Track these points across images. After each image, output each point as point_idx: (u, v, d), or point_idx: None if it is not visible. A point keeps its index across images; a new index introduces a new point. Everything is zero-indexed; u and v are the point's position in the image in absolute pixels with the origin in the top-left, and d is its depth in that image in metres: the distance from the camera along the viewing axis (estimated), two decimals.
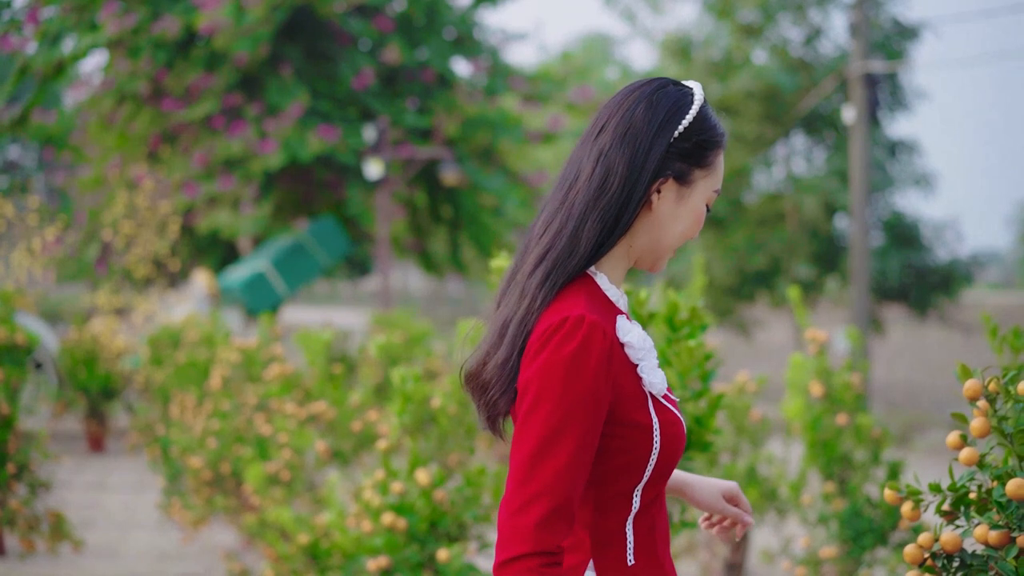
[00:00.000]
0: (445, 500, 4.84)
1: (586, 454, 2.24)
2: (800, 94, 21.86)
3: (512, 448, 2.26)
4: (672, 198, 2.42)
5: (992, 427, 2.74)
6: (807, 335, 6.61)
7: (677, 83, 2.48)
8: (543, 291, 2.33)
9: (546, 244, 2.37)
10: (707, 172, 2.45)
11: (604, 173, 2.37)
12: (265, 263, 16.47)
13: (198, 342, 10.93)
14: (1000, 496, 2.64)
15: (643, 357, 2.36)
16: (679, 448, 2.40)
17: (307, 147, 16.54)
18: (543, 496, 2.19)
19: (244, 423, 7.95)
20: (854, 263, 18.75)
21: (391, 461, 4.92)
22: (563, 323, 2.26)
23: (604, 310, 2.36)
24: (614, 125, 2.41)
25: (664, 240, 2.44)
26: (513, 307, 2.37)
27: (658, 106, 2.42)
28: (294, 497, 7.15)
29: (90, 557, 8.61)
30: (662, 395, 2.40)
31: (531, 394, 2.25)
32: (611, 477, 2.34)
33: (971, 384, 2.74)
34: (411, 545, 4.90)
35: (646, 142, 2.39)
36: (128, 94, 17.80)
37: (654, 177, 2.39)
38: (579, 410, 2.23)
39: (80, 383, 13.85)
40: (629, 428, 2.33)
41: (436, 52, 18.29)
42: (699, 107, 2.45)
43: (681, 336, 4.09)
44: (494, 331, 2.39)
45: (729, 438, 7.56)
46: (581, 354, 2.24)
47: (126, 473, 12.35)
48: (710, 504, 2.76)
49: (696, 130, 2.43)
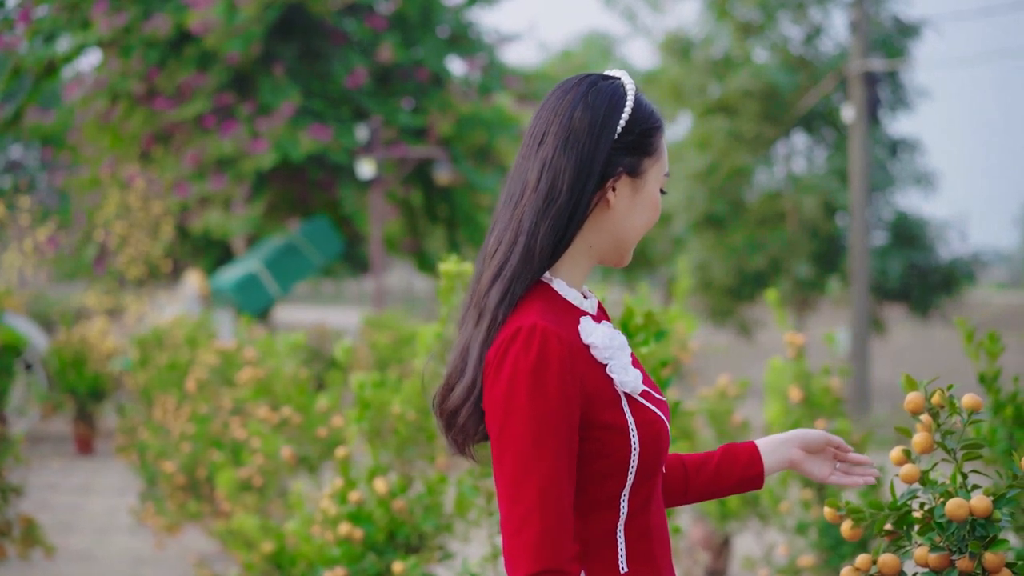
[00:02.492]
0: (404, 509, 4.72)
1: (568, 463, 2.20)
2: (800, 93, 21.70)
3: (494, 470, 2.24)
4: (628, 192, 2.39)
5: (936, 442, 2.60)
6: (785, 338, 6.47)
7: (606, 76, 2.44)
8: (503, 309, 2.30)
9: (500, 261, 2.34)
10: (655, 158, 2.41)
11: (550, 182, 2.33)
12: (257, 264, 16.37)
13: (181, 343, 10.81)
14: (940, 516, 2.50)
15: (612, 356, 2.31)
16: (663, 447, 2.33)
17: (299, 146, 16.43)
18: (534, 513, 2.16)
19: (220, 427, 7.83)
20: (854, 263, 18.61)
21: (350, 469, 4.81)
22: (516, 335, 2.24)
23: (562, 315, 2.31)
24: (554, 132, 2.37)
25: (626, 234, 2.41)
26: (473, 329, 2.34)
27: (595, 105, 2.37)
28: (266, 503, 7.03)
29: (65, 562, 8.51)
30: (639, 393, 2.33)
31: (499, 413, 2.22)
32: (593, 482, 2.28)
33: (913, 397, 2.59)
34: (369, 556, 4.79)
35: (590, 145, 2.35)
36: (121, 93, 17.69)
37: (604, 177, 2.35)
38: (550, 421, 2.19)
39: (69, 384, 13.75)
40: (604, 431, 2.27)
41: (430, 51, 18.16)
42: (634, 97, 2.41)
43: (636, 343, 3.95)
44: (456, 356, 2.36)
45: (710, 442, 7.44)
46: (540, 364, 2.20)
47: (112, 476, 12.24)
48: (819, 461, 2.64)
49: (637, 120, 2.39)
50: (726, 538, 7.69)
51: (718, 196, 22.38)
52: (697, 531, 7.78)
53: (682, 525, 8.42)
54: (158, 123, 17.69)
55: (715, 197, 22.32)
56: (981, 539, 2.45)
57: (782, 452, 2.62)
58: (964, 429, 2.58)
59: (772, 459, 2.62)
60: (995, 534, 2.43)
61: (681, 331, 8.41)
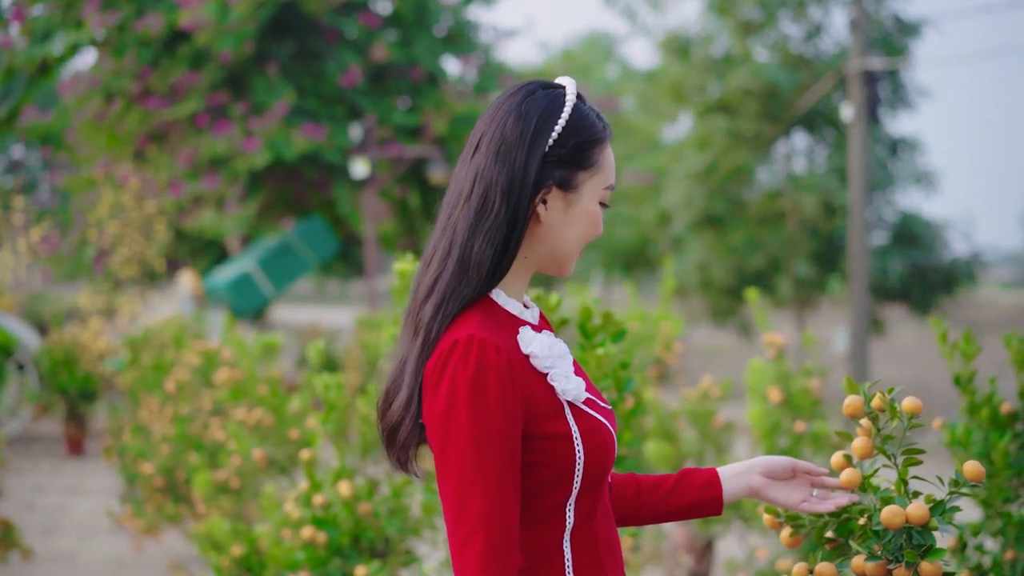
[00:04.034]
0: (370, 513, 4.66)
1: (512, 474, 2.18)
2: (800, 92, 21.59)
3: (439, 484, 2.22)
4: (560, 206, 2.33)
5: (876, 447, 2.52)
6: (764, 339, 6.39)
7: (548, 85, 2.39)
8: (437, 323, 2.27)
9: (434, 273, 2.31)
10: (592, 172, 2.35)
11: (483, 193, 2.29)
12: (251, 263, 16.31)
13: (167, 343, 10.74)
14: (877, 524, 2.42)
15: (552, 365, 2.28)
16: (608, 455, 2.30)
17: (292, 146, 16.35)
18: (479, 528, 2.14)
19: (200, 428, 7.76)
20: (853, 263, 18.51)
21: (315, 472, 4.74)
22: (454, 347, 2.21)
23: (501, 325, 2.28)
24: (487, 142, 2.33)
25: (560, 249, 2.36)
26: (409, 344, 2.31)
27: (528, 116, 2.32)
28: (243, 506, 6.96)
29: (45, 564, 8.44)
30: (582, 401, 2.30)
31: (440, 427, 2.19)
32: (539, 492, 2.25)
33: (851, 401, 2.51)
34: (333, 560, 4.73)
35: (521, 156, 2.29)
36: (116, 93, 17.63)
37: (535, 190, 2.30)
38: (493, 433, 2.17)
39: (59, 385, 13.68)
40: (548, 440, 2.24)
41: (425, 49, 18.07)
42: (571, 108, 2.35)
43: (594, 344, 3.86)
44: (394, 370, 2.34)
45: (693, 444, 7.36)
46: (480, 376, 2.18)
47: (100, 478, 12.17)
48: (788, 488, 2.56)
49: (572, 132, 2.33)
50: (709, 541, 7.61)
51: (717, 195, 22.28)
52: (680, 534, 7.70)
53: (665, 528, 8.35)
54: (153, 122, 17.63)
55: (714, 196, 22.22)
56: (918, 548, 2.37)
57: (743, 479, 2.56)
58: (904, 434, 2.50)
59: (732, 485, 2.56)
60: (931, 543, 2.35)
61: (666, 332, 8.33)
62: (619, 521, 2.55)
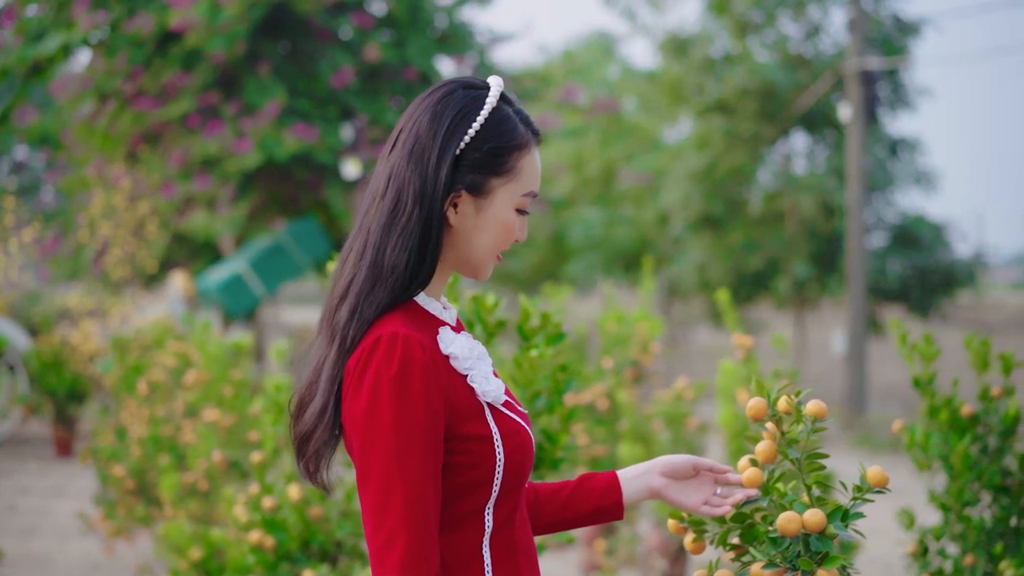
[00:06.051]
0: (320, 516, 4.61)
1: (434, 476, 2.14)
2: (798, 92, 21.49)
3: (358, 487, 2.17)
4: (471, 212, 2.26)
5: (780, 451, 2.45)
6: (733, 340, 6.32)
7: (471, 84, 2.30)
8: (352, 328, 2.21)
9: (349, 275, 2.24)
10: (507, 178, 2.26)
11: (396, 194, 2.22)
12: (242, 264, 16.25)
13: (150, 344, 10.69)
14: (774, 531, 2.35)
15: (471, 367, 2.25)
16: (527, 458, 2.27)
17: (283, 146, 16.28)
18: (400, 531, 2.09)
19: (173, 430, 7.70)
20: (851, 263, 18.44)
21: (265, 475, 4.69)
22: (377, 344, 2.15)
23: (423, 324, 2.23)
24: (403, 140, 2.26)
25: (474, 254, 2.28)
26: (324, 349, 2.24)
27: (442, 116, 2.25)
28: (211, 508, 6.90)
29: (20, 566, 8.39)
30: (501, 403, 2.26)
31: (361, 425, 2.13)
32: (459, 496, 2.22)
33: (755, 403, 2.44)
34: (283, 564, 4.68)
35: (433, 157, 2.22)
36: (108, 93, 17.59)
37: (447, 193, 2.22)
38: (416, 431, 2.11)
39: (47, 386, 13.65)
40: (469, 441, 2.20)
41: (419, 50, 17.98)
42: (489, 111, 2.26)
43: (531, 345, 3.79)
44: (308, 376, 2.26)
45: (666, 446, 7.29)
46: (404, 372, 2.12)
47: (85, 480, 12.13)
48: (689, 488, 2.49)
49: (487, 137, 2.25)
50: (683, 544, 7.54)
51: (716, 196, 22.20)
52: (654, 537, 7.62)
53: (639, 531, 8.27)
54: (146, 123, 17.58)
55: (713, 197, 22.14)
56: (815, 555, 2.30)
57: (643, 480, 2.49)
58: (807, 438, 2.42)
59: (632, 487, 2.49)
60: (827, 550, 2.27)
61: (644, 333, 8.25)
62: None
